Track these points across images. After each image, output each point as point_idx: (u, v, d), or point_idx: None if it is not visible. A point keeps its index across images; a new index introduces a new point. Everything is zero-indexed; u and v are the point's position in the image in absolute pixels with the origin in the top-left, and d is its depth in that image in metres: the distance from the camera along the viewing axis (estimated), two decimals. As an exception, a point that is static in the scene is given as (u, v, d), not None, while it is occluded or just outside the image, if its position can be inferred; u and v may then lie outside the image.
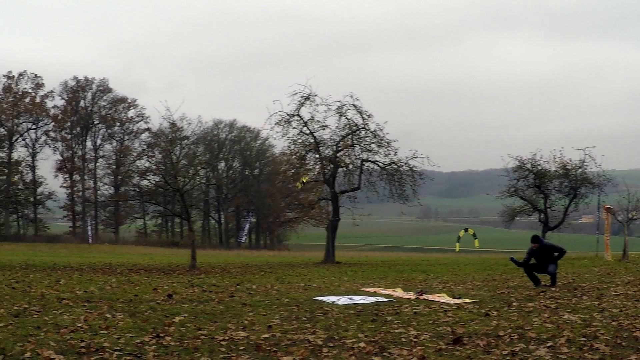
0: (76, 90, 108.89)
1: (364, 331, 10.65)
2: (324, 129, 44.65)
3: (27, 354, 8.48)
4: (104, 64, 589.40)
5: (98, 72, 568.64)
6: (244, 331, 10.65)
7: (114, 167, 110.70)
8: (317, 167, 45.90)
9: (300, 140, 44.89)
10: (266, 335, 10.17)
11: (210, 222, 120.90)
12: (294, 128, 44.50)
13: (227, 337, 10.01)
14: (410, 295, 16.99)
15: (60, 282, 21.47)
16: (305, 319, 12.27)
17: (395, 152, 44.29)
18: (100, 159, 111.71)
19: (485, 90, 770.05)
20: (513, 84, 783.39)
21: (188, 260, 36.32)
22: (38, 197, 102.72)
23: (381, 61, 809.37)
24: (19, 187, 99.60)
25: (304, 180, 40.63)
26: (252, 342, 9.59)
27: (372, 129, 44.34)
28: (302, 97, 43.80)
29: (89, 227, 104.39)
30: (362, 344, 9.33)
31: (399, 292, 17.86)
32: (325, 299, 15.90)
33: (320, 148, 44.68)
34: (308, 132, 44.52)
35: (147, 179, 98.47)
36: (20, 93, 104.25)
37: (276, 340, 9.75)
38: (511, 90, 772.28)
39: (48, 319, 11.98)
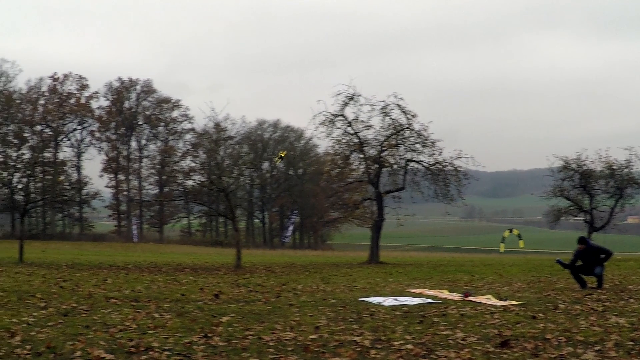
0: (121, 91, 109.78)
1: (411, 333, 10.67)
2: (368, 129, 44.65)
3: (78, 353, 8.60)
4: (148, 65, 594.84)
5: (142, 73, 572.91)
6: (292, 332, 10.71)
7: (159, 167, 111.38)
8: (362, 167, 45.86)
9: (344, 141, 44.90)
10: (314, 336, 10.22)
11: (254, 221, 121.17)
12: (338, 128, 44.54)
13: (275, 338, 10.07)
14: (456, 296, 16.94)
15: (107, 281, 21.67)
16: (352, 320, 12.29)
17: (440, 152, 44.19)
18: (144, 159, 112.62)
19: (530, 88, 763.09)
20: (558, 81, 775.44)
21: (233, 260, 36.51)
22: (83, 196, 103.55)
23: (424, 60, 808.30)
24: (65, 186, 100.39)
25: (282, 155, 40.22)
26: (299, 343, 9.64)
27: (417, 129, 44.27)
28: (346, 97, 43.86)
29: (134, 226, 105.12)
30: (410, 346, 9.34)
31: (444, 294, 17.81)
32: (371, 299, 15.89)
33: (365, 148, 44.62)
34: (352, 132, 44.52)
35: (192, 179, 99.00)
36: (65, 94, 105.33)
37: (324, 342, 9.78)
38: (556, 88, 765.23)
39: (97, 318, 12.13)
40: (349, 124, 44.32)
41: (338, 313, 13.31)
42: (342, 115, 44.19)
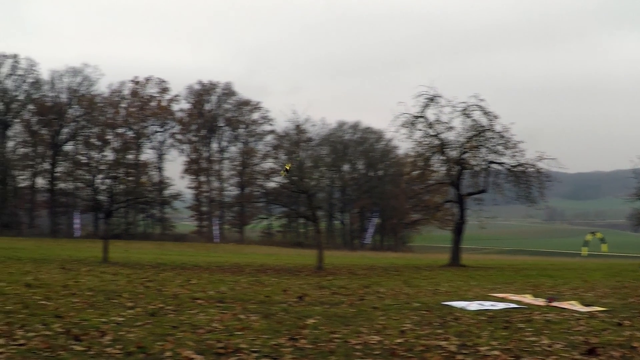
0: (201, 93, 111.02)
1: (497, 338, 10.67)
2: (449, 130, 44.37)
3: (167, 353, 8.82)
4: (228, 68, 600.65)
5: (221, 76, 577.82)
6: (378, 335, 10.78)
7: (239, 168, 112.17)
8: (443, 168, 45.66)
9: (425, 142, 44.68)
10: (399, 340, 10.29)
11: (334, 222, 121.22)
12: (419, 130, 44.32)
13: (361, 341, 10.15)
14: (541, 301, 16.82)
15: (192, 282, 21.88)
16: (437, 324, 12.31)
17: (522, 154, 43.67)
18: (225, 161, 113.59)
19: (613, 86, 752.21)
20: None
21: (314, 261, 36.62)
22: (165, 197, 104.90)
23: (504, 59, 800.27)
24: (147, 188, 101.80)
25: (287, 168, 40.20)
26: (386, 347, 9.72)
27: (498, 130, 43.81)
28: (426, 98, 43.65)
29: (216, 227, 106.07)
30: (496, 352, 9.38)
31: (528, 299, 17.68)
32: (455, 304, 15.85)
33: (446, 150, 44.36)
34: (433, 133, 44.28)
35: (273, 180, 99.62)
36: (146, 97, 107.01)
37: (409, 346, 9.84)
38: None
39: (184, 318, 12.33)
40: (430, 125, 44.12)
41: (423, 317, 13.33)
42: (423, 116, 44.03)
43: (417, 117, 43.82)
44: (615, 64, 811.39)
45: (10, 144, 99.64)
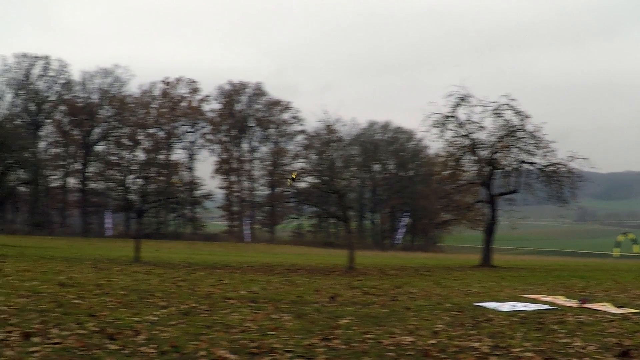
0: (232, 94, 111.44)
1: (530, 340, 10.62)
2: (480, 130, 44.20)
3: (202, 353, 8.84)
4: (258, 68, 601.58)
5: (252, 76, 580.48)
6: (410, 336, 10.75)
7: (270, 168, 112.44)
8: (474, 168, 45.51)
9: (456, 142, 44.55)
10: (432, 341, 10.26)
11: (365, 222, 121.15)
12: (449, 130, 44.22)
13: (394, 342, 10.14)
14: (573, 303, 16.75)
15: (223, 282, 21.90)
16: (469, 325, 12.27)
17: (554, 154, 43.42)
18: (256, 161, 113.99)
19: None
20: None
21: (344, 261, 36.64)
22: (196, 197, 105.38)
23: (535, 59, 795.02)
24: (178, 187, 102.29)
25: (294, 177, 40.17)
26: (419, 348, 9.70)
27: (530, 130, 43.57)
28: (457, 98, 43.52)
29: (247, 227, 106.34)
30: (530, 354, 9.35)
31: (560, 300, 17.60)
32: (487, 305, 15.80)
33: (477, 149, 44.21)
34: (464, 133, 44.13)
35: (304, 180, 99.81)
36: (177, 98, 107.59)
37: (443, 347, 9.82)
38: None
39: (217, 318, 12.34)
40: (461, 125, 43.98)
41: (455, 318, 13.30)
42: (454, 116, 43.90)
43: (448, 116, 43.76)
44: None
45: (42, 144, 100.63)
